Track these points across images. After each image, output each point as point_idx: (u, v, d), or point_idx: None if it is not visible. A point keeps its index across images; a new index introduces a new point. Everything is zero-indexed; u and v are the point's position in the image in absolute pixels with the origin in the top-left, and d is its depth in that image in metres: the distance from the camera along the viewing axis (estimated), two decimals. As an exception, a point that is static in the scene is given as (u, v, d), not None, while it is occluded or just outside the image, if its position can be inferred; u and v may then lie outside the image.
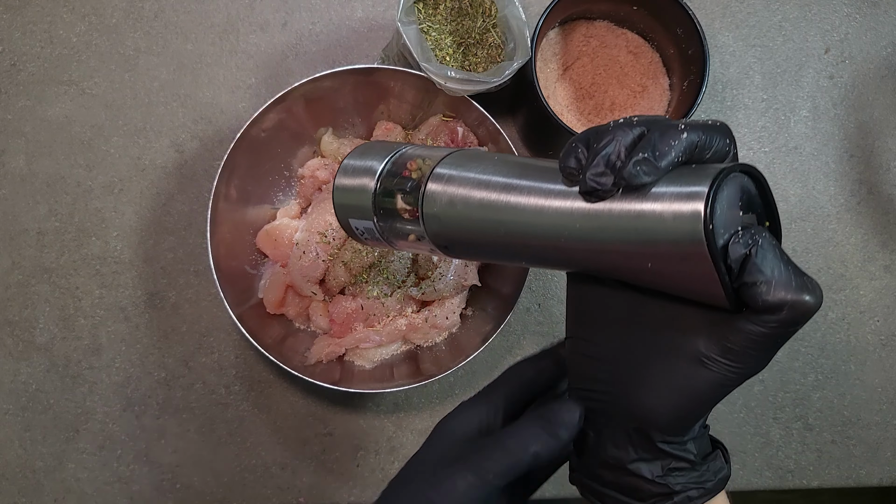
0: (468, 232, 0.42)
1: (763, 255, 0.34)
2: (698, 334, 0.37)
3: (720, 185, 0.33)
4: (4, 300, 0.76)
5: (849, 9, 0.84)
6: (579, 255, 0.38)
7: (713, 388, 0.37)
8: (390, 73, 0.69)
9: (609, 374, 0.40)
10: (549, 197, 0.38)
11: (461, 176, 0.42)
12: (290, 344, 0.72)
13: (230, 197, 0.70)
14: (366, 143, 0.52)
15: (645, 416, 0.38)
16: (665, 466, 0.39)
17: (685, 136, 0.35)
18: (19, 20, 0.78)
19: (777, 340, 0.35)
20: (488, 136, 0.72)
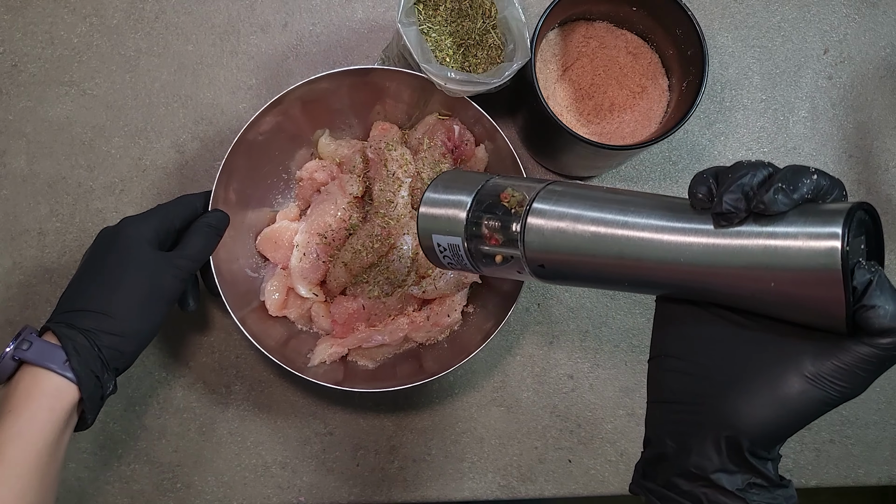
0: (572, 259, 0.46)
1: (883, 283, 0.38)
2: (806, 353, 0.39)
3: (854, 213, 0.38)
4: (6, 300, 0.76)
5: (847, 9, 0.85)
6: (692, 280, 0.42)
7: (814, 404, 0.39)
8: (386, 74, 0.69)
9: (704, 387, 0.42)
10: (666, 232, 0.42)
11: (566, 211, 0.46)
12: (293, 346, 0.73)
13: (229, 201, 0.70)
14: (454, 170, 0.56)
15: (738, 423, 0.40)
16: (745, 481, 0.40)
17: (815, 178, 0.39)
18: (20, 21, 0.79)
19: (884, 364, 0.38)
20: (485, 133, 0.72)
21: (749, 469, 0.41)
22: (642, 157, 0.82)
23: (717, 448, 0.41)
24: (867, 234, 0.41)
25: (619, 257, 0.44)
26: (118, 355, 0.57)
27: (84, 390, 0.54)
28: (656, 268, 0.43)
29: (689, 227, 0.41)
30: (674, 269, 0.42)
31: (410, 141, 0.75)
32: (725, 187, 0.40)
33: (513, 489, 0.77)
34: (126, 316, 0.57)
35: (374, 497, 0.76)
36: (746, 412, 0.40)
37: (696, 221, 0.41)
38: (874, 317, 0.37)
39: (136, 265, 0.59)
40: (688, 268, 0.41)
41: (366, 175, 0.75)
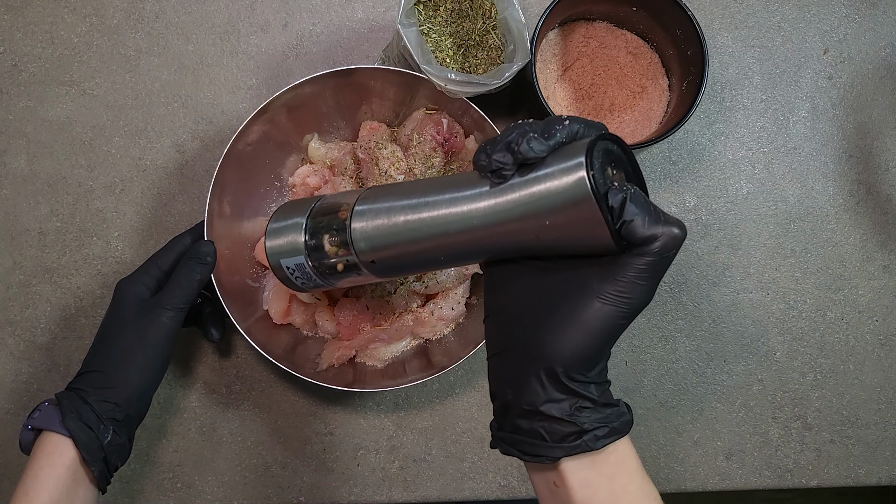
0: (393, 247, 0.51)
1: (636, 199, 0.42)
2: (593, 276, 0.44)
3: (594, 145, 0.42)
4: (6, 300, 0.76)
5: (847, 10, 0.85)
6: (490, 239, 0.46)
7: (609, 320, 0.43)
8: (369, 73, 0.69)
9: (521, 330, 0.46)
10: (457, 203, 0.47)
11: (381, 206, 0.51)
12: (300, 352, 0.73)
13: (224, 214, 0.70)
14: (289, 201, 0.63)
15: (551, 353, 0.44)
16: (573, 405, 0.44)
17: (567, 123, 0.44)
18: (21, 21, 0.79)
19: (657, 269, 0.43)
20: (473, 124, 0.72)
21: (572, 393, 0.44)
22: (642, 157, 0.82)
23: (539, 382, 0.44)
24: (618, 161, 0.45)
25: (430, 236, 0.49)
26: (112, 407, 0.60)
27: (78, 443, 0.58)
28: (458, 237, 0.47)
29: (474, 193, 0.46)
30: (471, 234, 0.47)
31: (400, 138, 0.75)
32: (493, 148, 0.45)
33: (513, 489, 0.77)
34: (113, 370, 0.61)
35: (374, 497, 0.76)
36: (555, 342, 0.44)
37: (480, 186, 0.46)
38: (634, 228, 0.41)
39: (121, 322, 0.63)
40: (481, 230, 0.46)
41: (358, 176, 0.75)
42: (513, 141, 0.44)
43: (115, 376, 0.61)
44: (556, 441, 0.44)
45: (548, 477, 0.46)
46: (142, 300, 0.64)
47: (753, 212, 0.82)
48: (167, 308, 0.63)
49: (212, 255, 0.65)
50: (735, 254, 0.81)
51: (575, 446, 0.44)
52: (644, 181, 0.47)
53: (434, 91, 0.68)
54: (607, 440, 0.44)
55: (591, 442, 0.44)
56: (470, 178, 0.47)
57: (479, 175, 0.47)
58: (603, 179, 0.43)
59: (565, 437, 0.44)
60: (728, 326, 0.81)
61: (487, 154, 0.45)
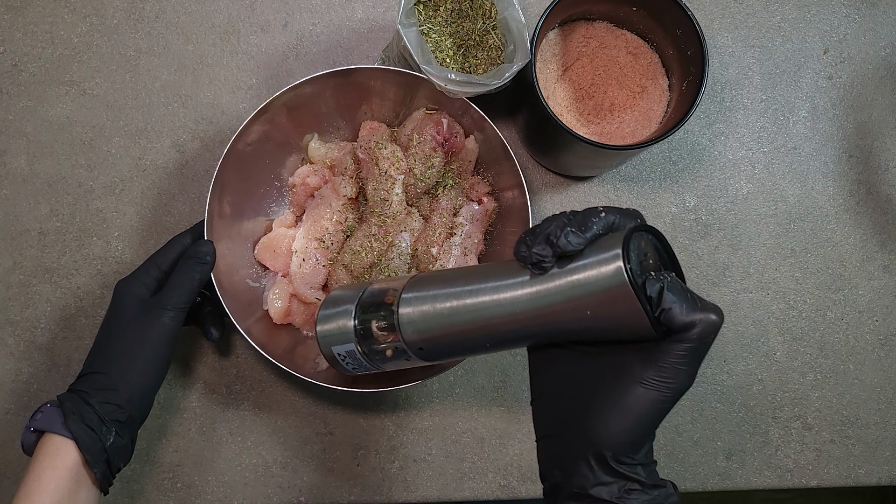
0: (439, 333, 0.53)
1: (673, 287, 0.43)
2: (636, 362, 0.45)
3: (630, 237, 0.44)
4: (6, 300, 0.76)
5: (847, 10, 0.85)
6: (532, 326, 0.48)
7: (653, 404, 0.44)
8: (369, 73, 0.69)
9: (568, 415, 0.47)
10: (500, 290, 0.49)
11: (426, 294, 0.53)
12: (300, 352, 0.72)
13: (224, 214, 0.70)
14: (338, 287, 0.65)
15: (598, 438, 0.45)
16: (622, 488, 0.45)
17: (603, 215, 0.46)
18: (21, 21, 0.79)
19: (696, 354, 0.44)
20: (473, 124, 0.72)
21: (620, 476, 0.45)
22: (642, 157, 0.82)
23: (588, 466, 0.45)
24: (655, 250, 0.47)
25: (474, 322, 0.50)
26: (114, 408, 0.60)
27: (81, 444, 0.58)
28: (502, 323, 0.49)
29: (516, 282, 0.48)
30: (514, 319, 0.48)
31: (400, 138, 0.75)
32: (533, 240, 0.46)
33: (513, 489, 0.77)
34: (114, 371, 0.61)
35: (374, 497, 0.76)
36: (601, 427, 0.45)
37: (521, 275, 0.48)
38: (673, 316, 0.43)
39: (121, 323, 0.63)
40: (524, 316, 0.48)
41: (358, 176, 0.75)
42: (551, 234, 0.45)
43: (116, 377, 0.61)
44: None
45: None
46: (141, 300, 0.64)
47: (753, 212, 0.82)
48: (167, 308, 0.63)
49: (211, 255, 0.66)
50: (735, 254, 0.81)
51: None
52: (680, 268, 0.48)
53: (434, 91, 0.68)
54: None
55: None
56: (512, 267, 0.49)
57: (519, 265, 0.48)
58: (640, 269, 0.44)
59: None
60: (728, 326, 0.81)
61: (528, 246, 0.46)
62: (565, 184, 0.82)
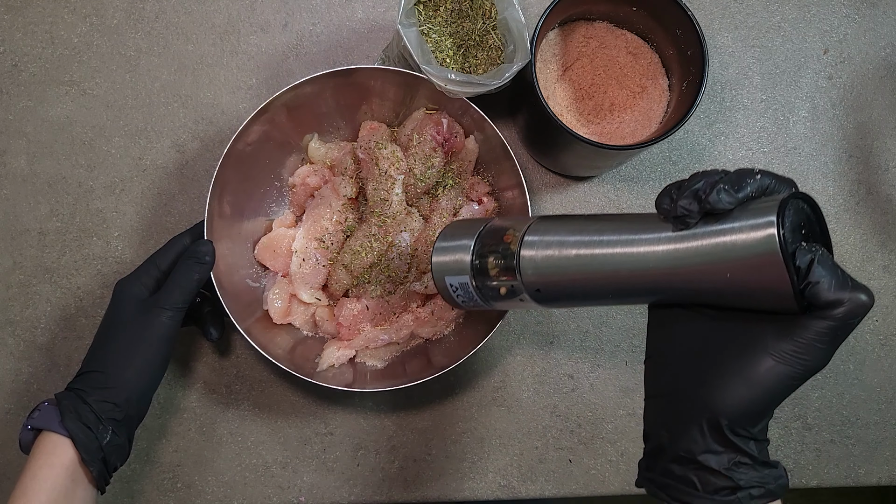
0: (561, 279, 0.52)
1: (824, 261, 0.41)
2: (769, 333, 0.43)
3: (787, 203, 0.42)
4: (6, 300, 0.76)
5: (847, 10, 0.85)
6: (663, 283, 0.46)
7: (781, 379, 0.43)
8: (369, 73, 0.69)
9: (686, 377, 0.46)
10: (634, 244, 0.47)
11: (553, 239, 0.52)
12: (300, 352, 0.73)
13: (224, 214, 0.70)
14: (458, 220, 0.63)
15: (717, 404, 0.43)
16: (731, 460, 0.43)
17: (759, 178, 0.43)
18: (21, 21, 0.79)
19: (838, 334, 0.42)
20: (473, 124, 0.72)
21: (733, 448, 0.43)
22: (642, 157, 0.82)
23: (700, 431, 0.44)
24: (808, 221, 0.45)
25: (600, 273, 0.49)
26: (111, 407, 0.60)
27: (77, 442, 0.58)
28: (631, 277, 0.47)
29: (653, 237, 0.46)
30: (645, 275, 0.47)
31: (400, 138, 0.75)
32: (680, 194, 0.44)
33: (513, 489, 0.77)
34: (112, 370, 0.61)
35: (374, 497, 0.76)
36: (721, 394, 0.43)
37: (660, 231, 0.46)
38: (819, 291, 0.41)
39: (120, 322, 0.63)
40: (656, 272, 0.46)
41: (358, 176, 0.75)
42: (701, 189, 0.43)
43: (114, 376, 0.61)
44: (709, 493, 0.43)
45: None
46: (140, 300, 0.64)
47: (753, 212, 0.82)
48: (165, 308, 0.63)
49: (210, 255, 0.65)
50: (735, 254, 0.81)
51: (727, 501, 0.43)
52: (830, 243, 0.46)
53: (434, 91, 0.68)
54: (761, 500, 0.43)
55: (745, 500, 0.43)
56: (648, 221, 0.47)
57: (657, 219, 0.46)
58: (792, 238, 0.42)
59: (718, 491, 0.43)
60: (728, 326, 0.81)
61: (672, 199, 0.44)
62: (565, 184, 0.82)
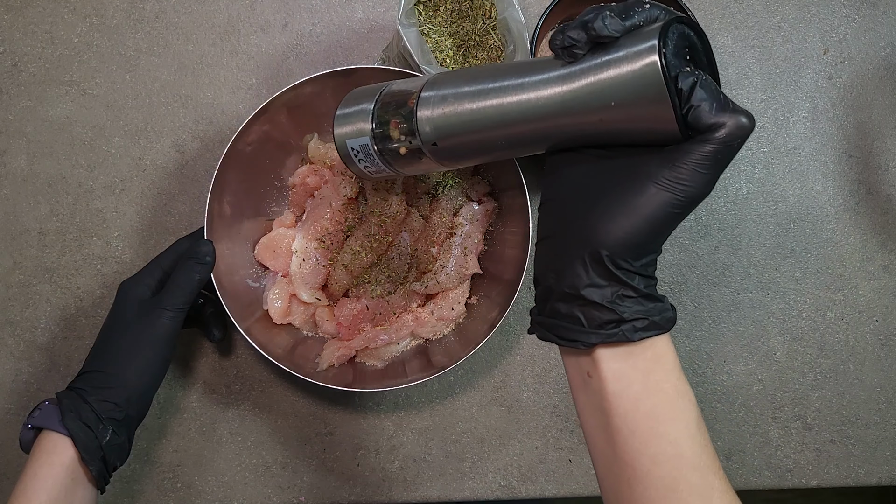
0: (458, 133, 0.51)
1: (706, 85, 0.41)
2: (653, 162, 0.43)
3: (669, 26, 0.42)
4: (6, 300, 0.76)
5: (847, 10, 0.85)
6: (553, 127, 0.46)
7: (664, 207, 0.42)
8: (369, 73, 0.69)
9: (571, 215, 0.45)
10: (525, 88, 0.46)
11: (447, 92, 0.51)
12: (300, 352, 0.73)
13: (224, 214, 0.70)
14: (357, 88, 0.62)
15: (598, 237, 0.43)
16: (615, 293, 0.43)
17: (647, 7, 0.43)
18: (21, 21, 0.79)
19: (719, 158, 0.42)
20: None
21: (616, 280, 0.43)
22: (642, 157, 0.82)
23: (583, 265, 0.43)
24: (693, 48, 0.44)
25: (494, 122, 0.48)
26: (111, 407, 0.60)
27: (77, 442, 0.58)
28: (524, 122, 0.47)
29: (542, 79, 0.46)
30: (536, 119, 0.46)
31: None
32: (569, 25, 0.44)
33: (513, 489, 0.77)
34: (113, 370, 0.61)
35: (374, 497, 0.77)
36: (603, 225, 0.43)
37: (548, 71, 0.45)
38: (701, 114, 0.40)
39: (122, 322, 0.63)
40: (546, 113, 0.46)
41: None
42: (589, 20, 0.43)
43: (114, 376, 0.61)
44: (594, 327, 0.43)
45: (582, 366, 0.45)
46: (142, 301, 0.64)
47: (753, 212, 0.82)
48: (166, 308, 0.63)
49: (210, 255, 0.65)
50: (735, 254, 0.81)
51: (612, 334, 0.43)
52: (717, 72, 0.45)
53: (434, 91, 0.68)
54: (646, 333, 0.43)
55: (629, 333, 0.43)
56: (539, 64, 0.47)
57: (548, 61, 0.46)
58: (676, 63, 0.42)
59: (603, 325, 0.43)
60: (728, 326, 0.81)
61: (562, 32, 0.44)
62: (565, 184, 0.82)
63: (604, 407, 0.44)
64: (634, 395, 0.43)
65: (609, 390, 0.44)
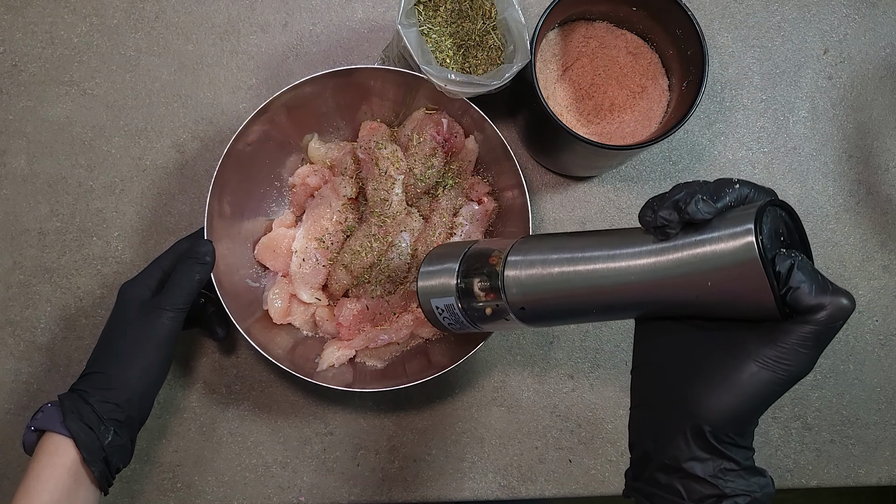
0: (546, 296, 0.52)
1: (803, 267, 0.41)
2: (753, 340, 0.43)
3: (764, 210, 0.43)
4: (6, 300, 0.76)
5: (847, 10, 0.85)
6: (646, 296, 0.47)
7: (765, 385, 0.43)
8: (369, 73, 0.69)
9: (671, 386, 0.46)
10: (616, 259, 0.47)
11: (536, 258, 0.53)
12: (300, 352, 0.73)
13: (224, 214, 0.70)
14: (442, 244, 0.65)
15: (701, 412, 0.43)
16: (717, 468, 0.43)
17: (738, 187, 0.44)
18: (21, 21, 0.79)
19: (821, 338, 0.42)
20: (473, 124, 0.72)
21: (718, 454, 0.43)
22: (642, 157, 0.82)
23: (685, 439, 0.44)
24: (787, 228, 0.45)
25: (583, 289, 0.49)
26: (112, 407, 0.60)
27: (79, 443, 0.58)
28: (614, 291, 0.48)
29: (635, 251, 0.47)
30: (628, 289, 0.47)
31: (400, 138, 0.75)
32: (660, 205, 0.45)
33: (513, 489, 0.77)
34: (114, 371, 0.61)
35: (374, 497, 0.77)
36: (706, 401, 0.43)
37: (641, 244, 0.46)
38: (800, 296, 0.41)
39: (123, 323, 0.63)
40: (638, 286, 0.46)
41: (358, 176, 0.75)
42: (681, 200, 0.44)
43: (115, 377, 0.61)
44: (694, 500, 0.43)
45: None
46: (143, 302, 0.64)
47: (753, 212, 0.82)
48: (167, 309, 0.63)
49: (210, 255, 0.65)
50: (735, 254, 0.81)
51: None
52: (810, 250, 0.46)
53: (434, 91, 0.68)
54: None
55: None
56: (629, 235, 0.48)
57: (638, 233, 0.47)
58: (771, 245, 0.43)
59: (703, 499, 0.43)
60: (728, 326, 0.81)
61: (654, 210, 0.45)
62: (565, 184, 0.82)
63: None
64: None
65: None
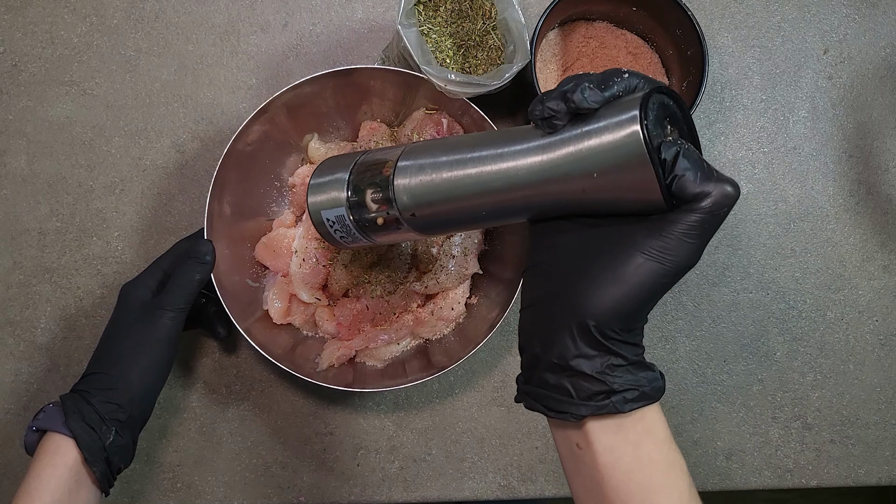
0: (436, 203, 0.50)
1: (689, 154, 0.40)
2: (639, 232, 0.42)
3: (650, 97, 0.41)
4: (6, 300, 0.76)
5: (847, 9, 0.85)
6: (535, 195, 0.45)
7: (651, 276, 0.42)
8: (369, 73, 0.69)
9: (558, 284, 0.45)
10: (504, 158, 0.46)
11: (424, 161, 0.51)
12: (300, 352, 0.73)
13: (224, 213, 0.70)
14: (331, 157, 0.62)
15: (586, 307, 0.42)
16: (604, 364, 0.43)
17: (626, 77, 0.43)
18: (21, 21, 0.79)
19: (705, 227, 0.42)
20: (473, 124, 0.72)
21: (605, 350, 0.43)
22: (642, 157, 0.82)
23: (571, 336, 0.43)
24: (673, 117, 0.44)
25: (474, 193, 0.48)
26: (114, 408, 0.60)
27: (80, 442, 0.58)
28: (504, 194, 0.46)
29: (521, 149, 0.45)
30: (516, 189, 0.46)
31: (400, 138, 0.75)
32: (548, 97, 0.43)
33: (513, 489, 0.77)
34: (115, 371, 0.61)
35: (374, 497, 0.77)
36: (591, 296, 0.42)
37: (528, 141, 0.45)
38: (685, 183, 0.40)
39: (124, 324, 0.63)
40: (526, 186, 0.45)
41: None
42: (568, 90, 0.42)
43: (117, 378, 0.61)
44: (583, 399, 0.43)
45: (571, 438, 0.45)
46: (144, 302, 0.64)
47: (753, 212, 0.82)
48: (167, 309, 0.63)
49: (210, 255, 0.65)
50: (735, 254, 0.81)
51: (602, 406, 0.42)
52: (698, 140, 0.45)
53: (434, 91, 0.68)
54: (636, 404, 0.43)
55: (620, 404, 0.42)
56: (519, 134, 0.46)
57: (527, 130, 0.46)
58: (657, 133, 0.41)
59: (593, 396, 0.43)
60: (728, 326, 0.81)
61: (542, 103, 0.44)
62: (565, 184, 0.82)
63: (595, 478, 0.44)
64: (626, 467, 0.43)
65: (600, 462, 0.43)
